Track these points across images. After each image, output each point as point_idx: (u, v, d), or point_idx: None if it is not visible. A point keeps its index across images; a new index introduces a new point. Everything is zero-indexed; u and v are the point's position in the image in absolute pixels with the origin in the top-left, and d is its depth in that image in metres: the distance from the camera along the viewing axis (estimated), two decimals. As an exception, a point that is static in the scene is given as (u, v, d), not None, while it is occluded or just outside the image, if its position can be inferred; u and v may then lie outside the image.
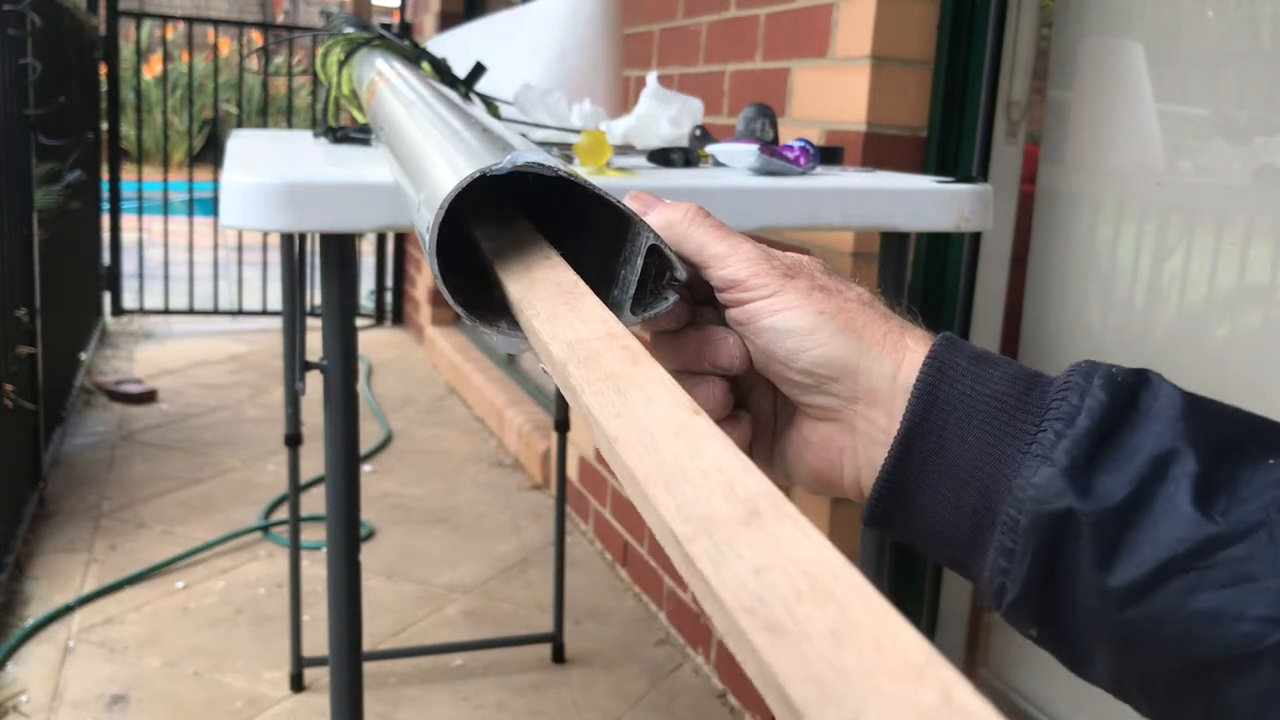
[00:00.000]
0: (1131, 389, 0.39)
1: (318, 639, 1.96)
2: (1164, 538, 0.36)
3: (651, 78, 1.37)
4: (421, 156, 0.53)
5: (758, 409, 0.50)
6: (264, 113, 6.38)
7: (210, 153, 6.36)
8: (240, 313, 4.85)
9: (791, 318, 0.45)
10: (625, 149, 1.32)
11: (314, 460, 2.04)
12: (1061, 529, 0.38)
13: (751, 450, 0.50)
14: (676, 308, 0.48)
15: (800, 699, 0.21)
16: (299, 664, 1.91)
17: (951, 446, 0.42)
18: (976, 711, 0.20)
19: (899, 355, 0.44)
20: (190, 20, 5.14)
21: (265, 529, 2.54)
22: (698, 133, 1.31)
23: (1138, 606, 0.36)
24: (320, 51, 1.31)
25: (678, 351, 0.49)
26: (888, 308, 0.47)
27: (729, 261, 0.46)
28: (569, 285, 0.44)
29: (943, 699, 0.20)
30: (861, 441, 0.45)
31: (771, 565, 0.25)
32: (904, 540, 0.45)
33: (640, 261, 0.46)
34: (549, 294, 0.44)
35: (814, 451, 0.47)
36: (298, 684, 1.91)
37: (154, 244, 4.94)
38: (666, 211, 0.49)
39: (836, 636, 0.22)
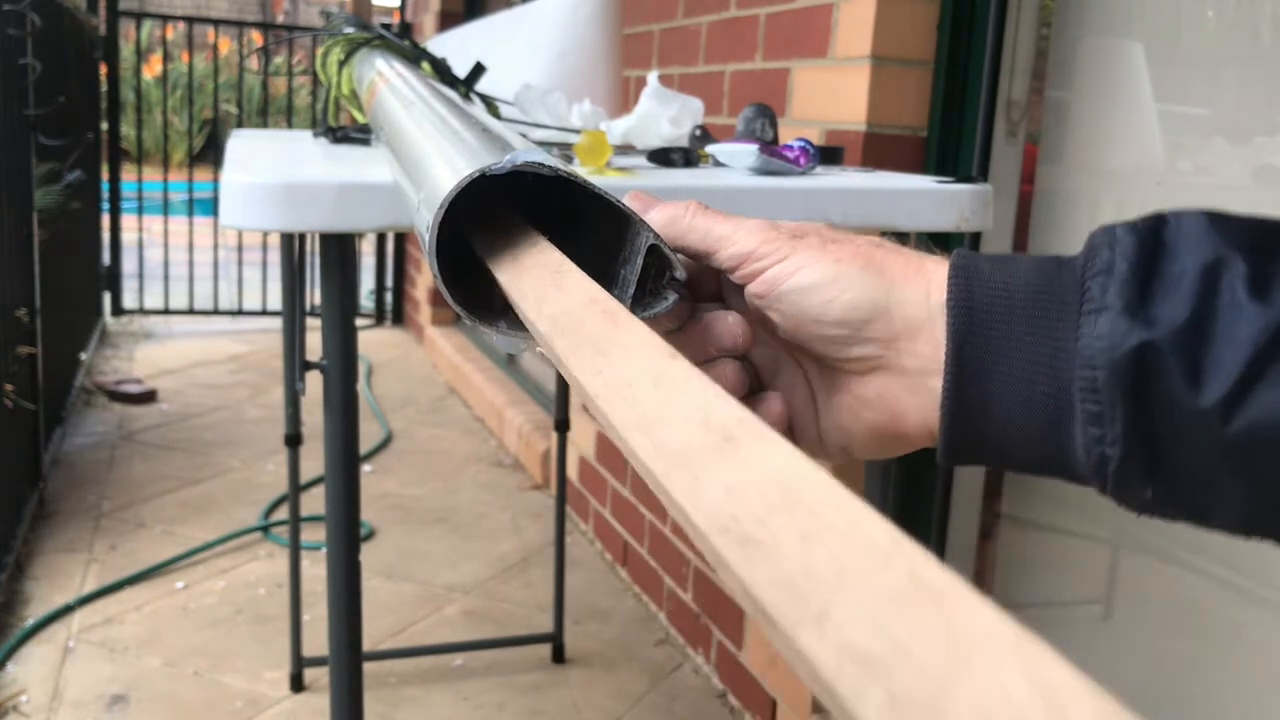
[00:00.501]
0: (1155, 228, 0.39)
1: (318, 639, 1.96)
2: (1240, 338, 0.36)
3: (652, 77, 1.37)
4: (421, 156, 0.53)
5: (790, 391, 0.49)
6: (264, 113, 6.37)
7: (210, 153, 6.36)
8: (240, 313, 4.85)
9: (811, 273, 0.44)
10: (625, 149, 1.32)
11: (314, 460, 2.03)
12: (1141, 366, 0.37)
13: (795, 434, 0.49)
14: (676, 307, 0.48)
15: (771, 602, 0.22)
16: (299, 664, 1.91)
17: (1004, 343, 0.41)
18: (940, 586, 0.20)
19: (925, 279, 0.44)
20: (190, 20, 5.14)
21: (265, 529, 2.54)
22: (698, 133, 1.31)
23: (1240, 415, 0.36)
24: (320, 51, 1.31)
25: (683, 347, 0.49)
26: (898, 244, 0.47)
27: (736, 238, 0.46)
28: (555, 265, 0.44)
29: (909, 578, 0.21)
30: (916, 379, 0.44)
31: (744, 483, 0.25)
32: (987, 463, 0.44)
33: (640, 261, 0.46)
34: (537, 278, 0.44)
35: (871, 408, 0.46)
36: (298, 684, 1.91)
37: (154, 244, 4.94)
38: (668, 208, 0.49)
39: (806, 539, 0.23)
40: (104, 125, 4.60)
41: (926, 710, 0.18)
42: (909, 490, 1.67)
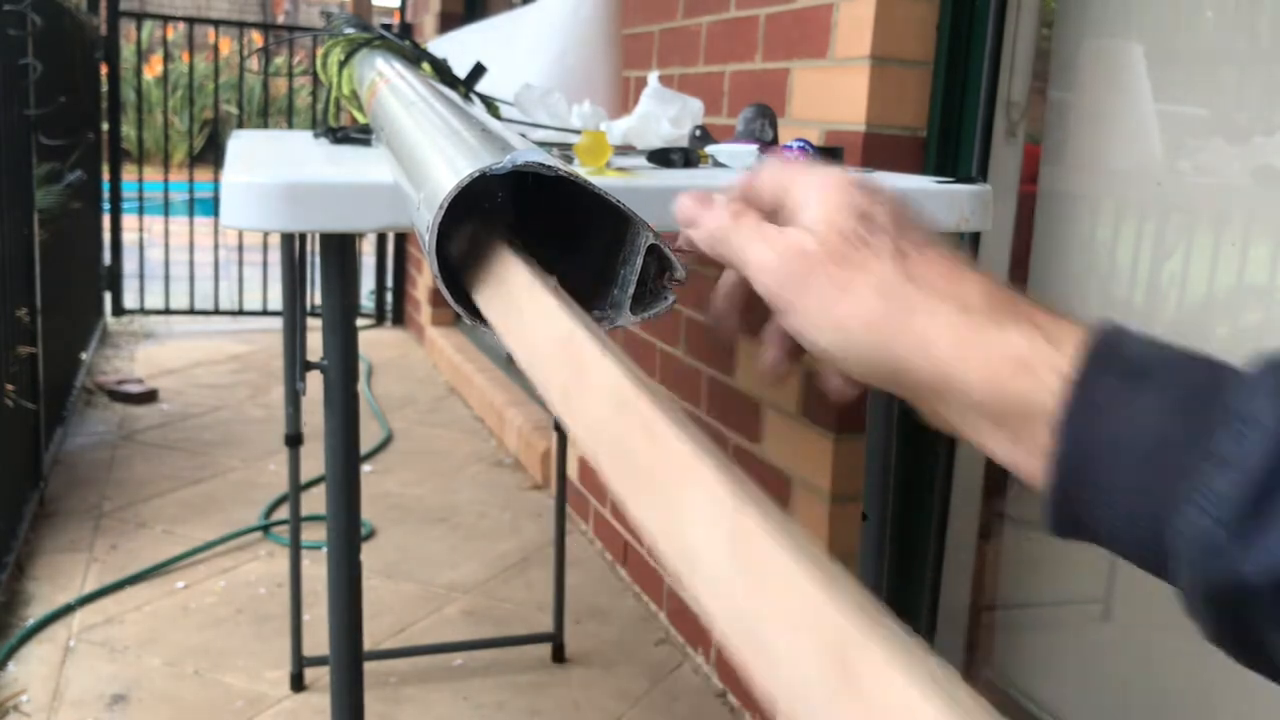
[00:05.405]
0: None
1: (318, 638, 1.96)
2: None
3: (653, 77, 1.37)
4: (421, 156, 0.54)
5: None
6: (264, 113, 6.38)
7: (211, 153, 6.36)
8: (240, 313, 4.85)
9: (816, 337, 0.43)
10: (625, 149, 1.32)
11: (314, 460, 2.03)
12: (1230, 594, 0.32)
13: None
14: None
15: None
16: (299, 663, 1.91)
17: (1108, 495, 0.36)
18: None
19: (924, 346, 0.41)
20: (191, 20, 5.14)
21: (266, 529, 2.54)
22: (698, 133, 1.31)
23: None
24: (320, 52, 1.31)
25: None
26: (935, 264, 0.42)
27: (754, 277, 0.45)
28: (565, 337, 0.40)
29: None
30: (956, 414, 0.42)
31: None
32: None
33: (640, 261, 0.47)
34: (552, 357, 0.40)
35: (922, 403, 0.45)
36: (298, 684, 1.91)
37: (155, 244, 4.94)
38: (714, 219, 0.47)
39: None
40: (105, 125, 4.60)
41: None
42: (909, 490, 1.67)
